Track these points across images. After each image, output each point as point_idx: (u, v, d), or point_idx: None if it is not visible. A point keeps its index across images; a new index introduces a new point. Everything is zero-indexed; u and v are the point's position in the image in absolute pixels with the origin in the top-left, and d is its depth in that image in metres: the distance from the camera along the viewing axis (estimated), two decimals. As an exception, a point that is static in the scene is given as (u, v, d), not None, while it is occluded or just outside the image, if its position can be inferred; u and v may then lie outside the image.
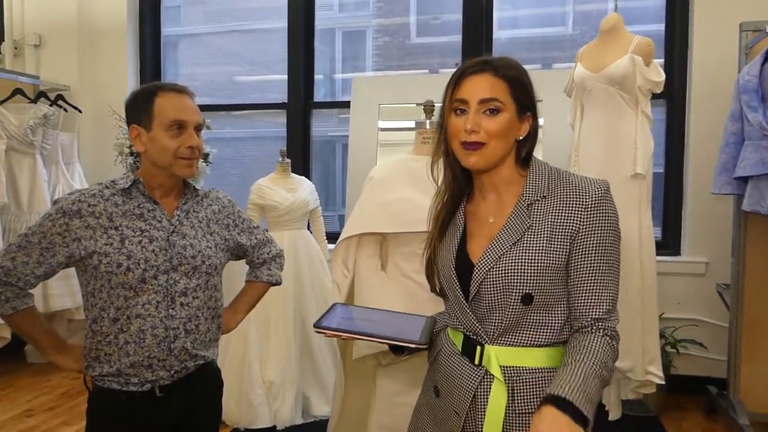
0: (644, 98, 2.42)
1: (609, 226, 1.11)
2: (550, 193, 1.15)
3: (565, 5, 4.27)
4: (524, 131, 1.18)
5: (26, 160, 3.75)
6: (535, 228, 1.13)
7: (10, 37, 4.28)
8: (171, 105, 1.46)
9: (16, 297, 1.44)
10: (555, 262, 1.11)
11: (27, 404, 3.35)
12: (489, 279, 1.13)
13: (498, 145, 1.14)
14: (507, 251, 1.12)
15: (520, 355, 1.13)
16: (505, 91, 1.13)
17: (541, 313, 1.13)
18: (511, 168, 1.19)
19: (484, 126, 1.13)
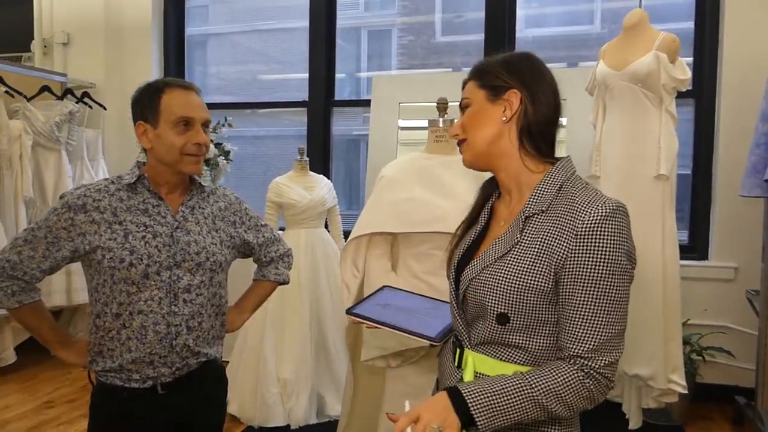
0: (669, 96, 2.34)
1: (602, 258, 0.98)
2: (550, 209, 1.04)
3: (593, 2, 4.19)
4: (509, 109, 1.09)
5: (52, 156, 3.82)
6: (523, 245, 1.04)
7: (40, 35, 4.37)
8: (178, 102, 1.45)
9: (22, 291, 1.45)
10: (537, 285, 1.01)
11: (47, 396, 3.41)
12: (471, 288, 1.10)
13: (476, 135, 1.11)
14: (490, 264, 1.07)
15: (498, 367, 1.08)
16: (473, 87, 1.14)
17: (521, 335, 1.05)
18: (516, 162, 1.10)
19: (458, 123, 1.16)
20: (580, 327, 1.00)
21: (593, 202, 1.00)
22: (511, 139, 1.10)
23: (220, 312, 1.58)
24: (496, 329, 1.06)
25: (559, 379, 0.99)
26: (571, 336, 1.00)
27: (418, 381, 1.93)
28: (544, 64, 1.14)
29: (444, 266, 1.90)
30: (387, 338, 1.89)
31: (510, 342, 1.06)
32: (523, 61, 1.12)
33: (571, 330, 1.00)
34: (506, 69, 1.10)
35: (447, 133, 1.95)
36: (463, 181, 1.89)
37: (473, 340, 1.11)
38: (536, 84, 1.09)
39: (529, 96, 1.08)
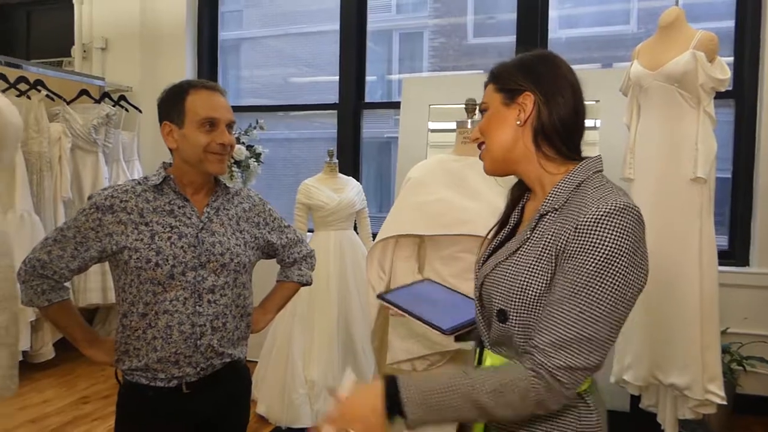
0: (707, 97, 2.26)
1: (592, 253, 0.91)
2: (562, 206, 1.01)
3: (628, 2, 4.10)
4: (523, 112, 1.06)
5: (89, 158, 3.92)
6: (532, 243, 1.02)
7: (80, 41, 4.49)
8: (203, 102, 1.46)
9: (52, 289, 1.48)
10: (538, 283, 0.98)
11: (84, 391, 3.49)
12: (484, 285, 1.10)
13: (494, 139, 1.10)
14: (502, 261, 1.06)
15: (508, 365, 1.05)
16: (491, 90, 1.12)
17: (521, 336, 1.01)
18: (535, 165, 1.07)
19: (477, 128, 1.15)
20: (547, 320, 0.94)
21: (602, 199, 0.95)
22: (526, 143, 1.07)
23: (244, 313, 1.59)
24: (499, 328, 1.05)
25: (507, 379, 0.93)
26: (539, 326, 0.95)
27: (444, 385, 1.91)
28: (564, 62, 1.10)
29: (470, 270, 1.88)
30: (413, 342, 1.87)
31: (514, 343, 1.03)
32: (539, 62, 1.09)
33: (542, 321, 0.95)
34: (521, 71, 1.08)
35: (475, 135, 1.93)
36: (491, 183, 1.86)
37: (491, 339, 1.10)
38: (552, 84, 1.05)
39: (543, 98, 1.05)
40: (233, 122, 1.52)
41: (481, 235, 1.78)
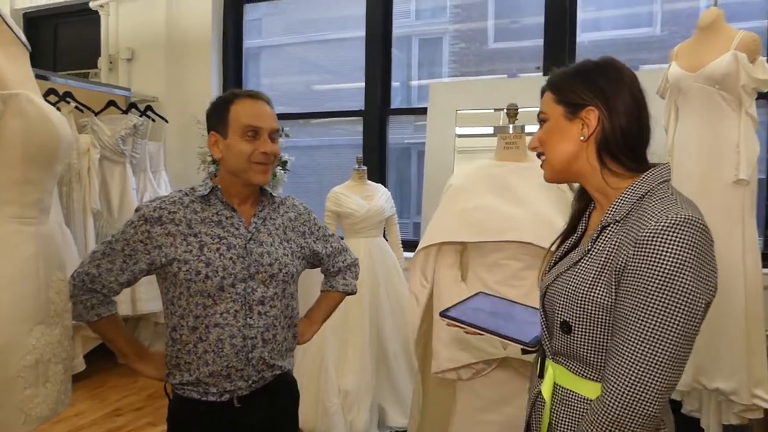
0: (748, 98, 2.22)
1: (656, 270, 0.88)
2: (625, 218, 0.99)
3: (652, 5, 4.07)
4: (587, 128, 1.04)
5: (117, 169, 3.94)
6: (593, 255, 1.00)
7: (106, 52, 4.53)
8: (245, 111, 1.46)
9: (101, 304, 1.47)
10: (598, 297, 0.96)
11: (116, 403, 3.50)
12: (547, 295, 1.09)
13: (552, 150, 1.09)
14: (564, 272, 1.05)
15: (574, 381, 1.05)
16: (550, 101, 1.10)
17: (585, 347, 1.00)
18: (598, 177, 1.05)
19: (536, 138, 1.13)
20: (620, 344, 0.92)
21: (663, 211, 0.91)
22: (589, 158, 1.05)
23: (292, 324, 1.57)
24: (563, 339, 1.03)
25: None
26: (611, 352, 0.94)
27: (489, 394, 1.89)
28: (627, 70, 1.08)
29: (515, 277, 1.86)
30: (458, 350, 1.85)
31: (577, 355, 1.02)
32: (600, 72, 1.06)
33: (613, 346, 0.94)
34: (583, 83, 1.06)
35: (517, 140, 1.91)
36: (536, 189, 1.84)
37: (553, 349, 1.09)
38: (615, 96, 1.03)
39: (607, 111, 1.03)
40: (277, 131, 1.51)
41: (526, 241, 1.78)
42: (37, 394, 1.58)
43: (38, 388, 1.59)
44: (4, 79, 1.46)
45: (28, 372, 1.54)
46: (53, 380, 1.64)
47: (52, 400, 1.64)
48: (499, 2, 4.31)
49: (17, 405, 1.54)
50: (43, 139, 1.52)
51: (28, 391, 1.55)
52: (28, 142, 1.48)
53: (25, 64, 1.60)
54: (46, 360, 1.61)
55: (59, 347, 1.65)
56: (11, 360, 1.52)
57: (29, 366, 1.54)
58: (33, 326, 1.56)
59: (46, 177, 1.61)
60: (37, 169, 1.55)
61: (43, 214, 1.63)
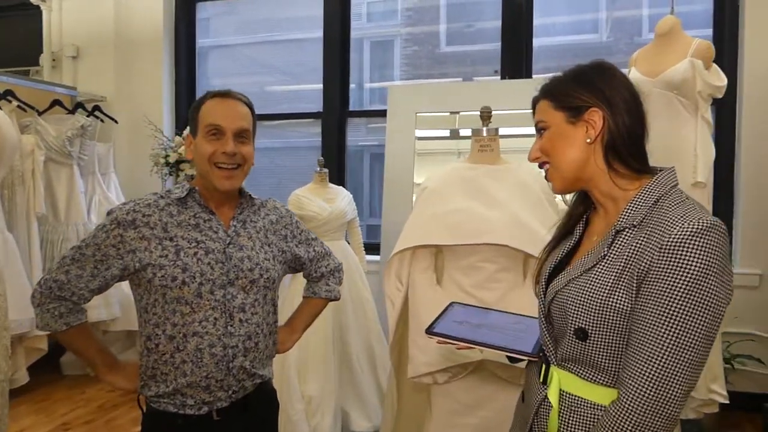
0: (704, 103, 2.31)
1: (683, 276, 0.88)
2: (641, 223, 0.98)
3: (598, 12, 4.19)
4: (592, 129, 1.03)
5: (64, 171, 3.75)
6: (610, 260, 0.99)
7: (48, 48, 4.32)
8: (210, 110, 1.40)
9: (70, 312, 1.38)
10: (617, 303, 0.95)
11: (64, 417, 3.32)
12: (555, 301, 1.06)
13: (559, 158, 1.07)
14: (575, 278, 1.03)
15: (583, 387, 1.04)
16: (548, 108, 1.09)
17: (601, 354, 0.99)
18: (606, 180, 1.04)
19: (535, 148, 1.11)
20: (642, 348, 0.92)
21: (687, 217, 0.92)
22: (597, 161, 1.04)
23: (273, 330, 1.52)
24: (576, 345, 1.02)
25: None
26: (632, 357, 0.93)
27: (466, 398, 1.89)
28: (618, 71, 1.08)
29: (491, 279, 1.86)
30: (434, 355, 1.84)
31: (591, 361, 1.01)
32: (596, 73, 1.06)
33: (634, 351, 0.93)
34: (582, 85, 1.05)
35: (492, 143, 1.92)
36: (510, 191, 1.86)
37: (558, 355, 1.07)
38: (615, 94, 1.03)
39: (609, 111, 1.02)
40: (245, 131, 1.42)
41: (502, 244, 1.79)
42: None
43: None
44: None
45: None
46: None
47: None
48: (451, 6, 4.34)
49: None
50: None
51: None
52: None
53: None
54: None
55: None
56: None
57: None
58: None
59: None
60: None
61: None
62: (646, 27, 4.16)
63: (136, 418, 3.29)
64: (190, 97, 4.46)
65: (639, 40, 4.11)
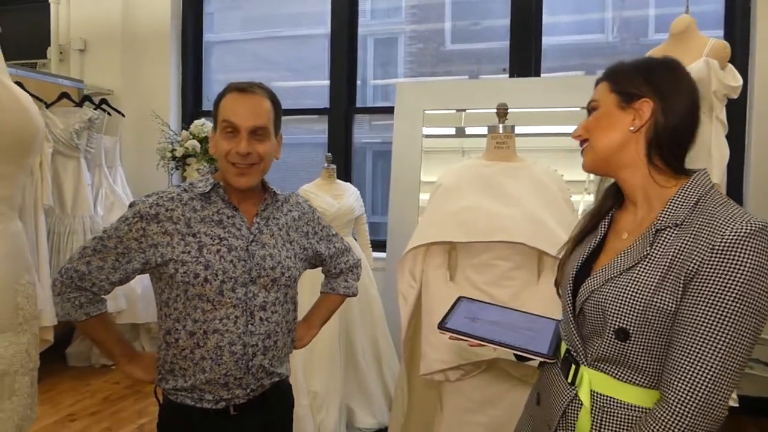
0: (719, 104, 2.30)
1: (736, 277, 0.88)
2: (685, 222, 0.97)
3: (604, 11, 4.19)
4: (639, 119, 1.03)
5: (71, 164, 3.74)
6: (653, 259, 0.98)
7: (56, 42, 4.31)
8: (227, 105, 1.38)
9: (90, 302, 1.37)
10: (663, 303, 0.94)
11: (69, 408, 3.32)
12: (591, 300, 1.04)
13: (600, 138, 1.07)
14: (615, 277, 1.01)
15: (616, 387, 1.03)
16: (605, 89, 1.09)
17: (641, 355, 0.98)
18: (643, 173, 1.04)
19: (582, 125, 1.11)
20: (694, 357, 0.90)
21: (736, 218, 0.92)
22: (638, 151, 1.04)
23: (291, 328, 1.51)
24: (615, 346, 1.00)
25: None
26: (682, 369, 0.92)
27: (478, 396, 1.88)
28: (686, 72, 1.08)
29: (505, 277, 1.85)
30: (447, 351, 1.83)
31: (629, 362, 1.00)
32: (662, 69, 1.06)
33: (682, 359, 0.92)
34: (642, 75, 1.05)
35: (508, 140, 1.91)
36: (526, 189, 1.85)
37: (590, 356, 1.06)
38: (673, 95, 1.02)
39: (662, 107, 1.02)
40: (262, 129, 1.38)
41: (518, 242, 1.78)
42: (2, 409, 1.46)
43: (3, 403, 1.47)
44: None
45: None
46: (20, 393, 1.52)
47: (18, 415, 1.52)
48: (456, 4, 4.33)
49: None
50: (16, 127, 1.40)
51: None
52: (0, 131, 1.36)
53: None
54: (13, 371, 1.49)
55: (26, 357, 1.53)
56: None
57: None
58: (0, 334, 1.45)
59: (17, 171, 1.49)
60: (8, 162, 1.43)
61: (13, 211, 1.51)
62: (652, 27, 4.15)
63: (142, 409, 3.30)
64: (196, 91, 4.45)
65: (645, 41, 4.10)
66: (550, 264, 1.83)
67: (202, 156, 3.77)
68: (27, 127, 1.42)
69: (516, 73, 3.77)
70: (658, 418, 0.94)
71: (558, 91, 3.23)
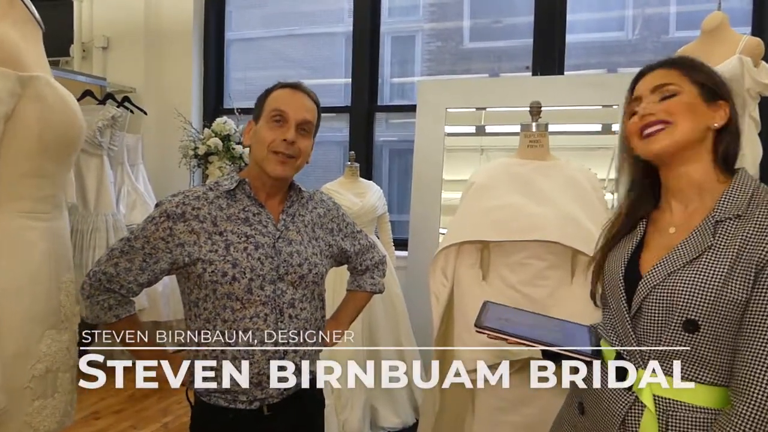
0: (752, 102, 2.28)
1: None
2: (746, 213, 0.98)
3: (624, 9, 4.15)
4: (720, 119, 1.06)
5: (93, 161, 3.76)
6: (718, 249, 0.98)
7: (79, 39, 4.34)
8: (278, 97, 1.39)
9: (119, 304, 1.38)
10: (733, 294, 0.94)
11: (93, 406, 3.34)
12: (653, 295, 1.03)
13: (685, 124, 1.04)
14: (679, 269, 1.00)
15: (680, 389, 1.01)
16: (679, 76, 1.07)
17: (709, 347, 0.97)
18: (706, 169, 1.06)
19: (661, 108, 1.07)
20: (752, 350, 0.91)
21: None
22: (707, 147, 1.06)
23: (321, 326, 1.51)
24: (683, 339, 0.99)
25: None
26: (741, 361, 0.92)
27: (511, 395, 1.87)
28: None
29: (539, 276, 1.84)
30: (481, 351, 1.82)
31: (698, 355, 0.99)
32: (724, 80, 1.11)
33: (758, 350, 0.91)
34: (720, 79, 1.08)
35: (541, 138, 1.90)
36: (560, 187, 1.83)
37: (649, 356, 1.04)
38: (735, 104, 1.08)
39: (732, 112, 1.07)
40: (309, 123, 1.41)
41: (553, 240, 1.76)
42: (46, 405, 1.47)
43: (46, 400, 1.48)
44: (22, 61, 1.35)
45: (37, 382, 1.43)
46: (61, 390, 1.53)
47: (60, 412, 1.53)
48: (475, 2, 4.31)
49: (25, 418, 1.43)
50: (62, 127, 1.41)
51: (36, 402, 1.44)
52: (46, 130, 1.37)
53: (39, 44, 1.49)
54: (55, 369, 1.50)
55: (67, 354, 1.55)
56: (21, 369, 1.40)
57: (39, 375, 1.43)
58: (44, 332, 1.46)
59: (61, 169, 1.50)
60: (52, 160, 1.44)
61: (57, 210, 1.52)
62: (673, 25, 4.11)
63: (166, 408, 3.31)
64: (218, 89, 4.46)
65: (666, 39, 4.07)
66: (583, 263, 1.81)
67: (224, 154, 3.78)
68: (73, 127, 1.44)
69: (539, 71, 3.75)
70: (742, 414, 0.92)
71: (582, 89, 3.20)
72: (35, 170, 1.40)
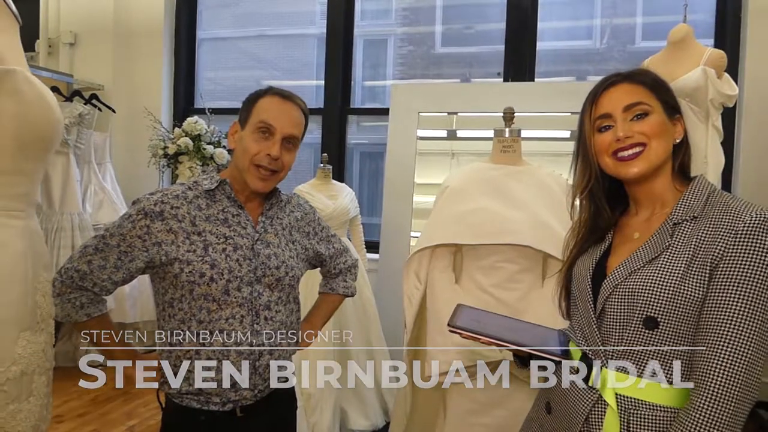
0: (715, 112, 2.35)
1: (762, 262, 0.93)
2: (701, 215, 1.03)
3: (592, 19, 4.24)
4: (678, 134, 1.11)
5: (60, 159, 3.67)
6: (675, 249, 1.02)
7: (45, 35, 4.24)
8: (267, 107, 1.37)
9: (91, 303, 1.35)
10: (690, 291, 0.97)
11: (56, 409, 3.25)
12: (615, 294, 1.06)
13: (659, 145, 1.08)
14: (639, 268, 1.04)
15: (640, 388, 1.04)
16: (647, 94, 1.10)
17: (669, 345, 1.01)
18: (667, 180, 1.11)
19: (637, 130, 1.08)
20: (730, 341, 0.93)
21: (752, 207, 0.98)
22: (669, 160, 1.11)
23: (296, 328, 1.51)
24: (642, 336, 1.02)
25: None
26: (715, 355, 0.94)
27: (482, 397, 1.89)
28: None
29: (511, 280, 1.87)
30: (452, 352, 1.84)
31: (656, 353, 1.02)
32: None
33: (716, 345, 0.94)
34: (671, 92, 1.13)
35: (514, 143, 1.93)
36: (532, 192, 1.87)
37: (612, 356, 1.07)
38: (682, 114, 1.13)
39: (684, 125, 1.12)
40: (295, 138, 1.40)
41: (525, 245, 1.79)
42: (20, 409, 1.44)
43: (21, 403, 1.44)
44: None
45: (11, 385, 1.40)
46: (37, 393, 1.50)
47: (35, 416, 1.50)
48: (447, 8, 4.36)
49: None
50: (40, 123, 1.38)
51: (11, 406, 1.40)
52: (23, 126, 1.34)
53: (16, 37, 1.46)
54: (31, 371, 1.47)
55: (43, 356, 1.51)
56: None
57: (14, 378, 1.40)
58: (19, 333, 1.42)
59: (37, 167, 1.47)
60: (29, 158, 1.41)
61: (31, 208, 1.49)
62: (639, 35, 4.22)
63: (130, 411, 3.25)
64: (189, 88, 4.41)
65: (632, 48, 4.17)
66: (554, 267, 1.85)
67: (195, 154, 3.73)
68: (50, 123, 1.41)
69: (510, 77, 3.81)
70: (701, 408, 0.95)
71: (552, 96, 3.27)
72: (11, 168, 1.37)
